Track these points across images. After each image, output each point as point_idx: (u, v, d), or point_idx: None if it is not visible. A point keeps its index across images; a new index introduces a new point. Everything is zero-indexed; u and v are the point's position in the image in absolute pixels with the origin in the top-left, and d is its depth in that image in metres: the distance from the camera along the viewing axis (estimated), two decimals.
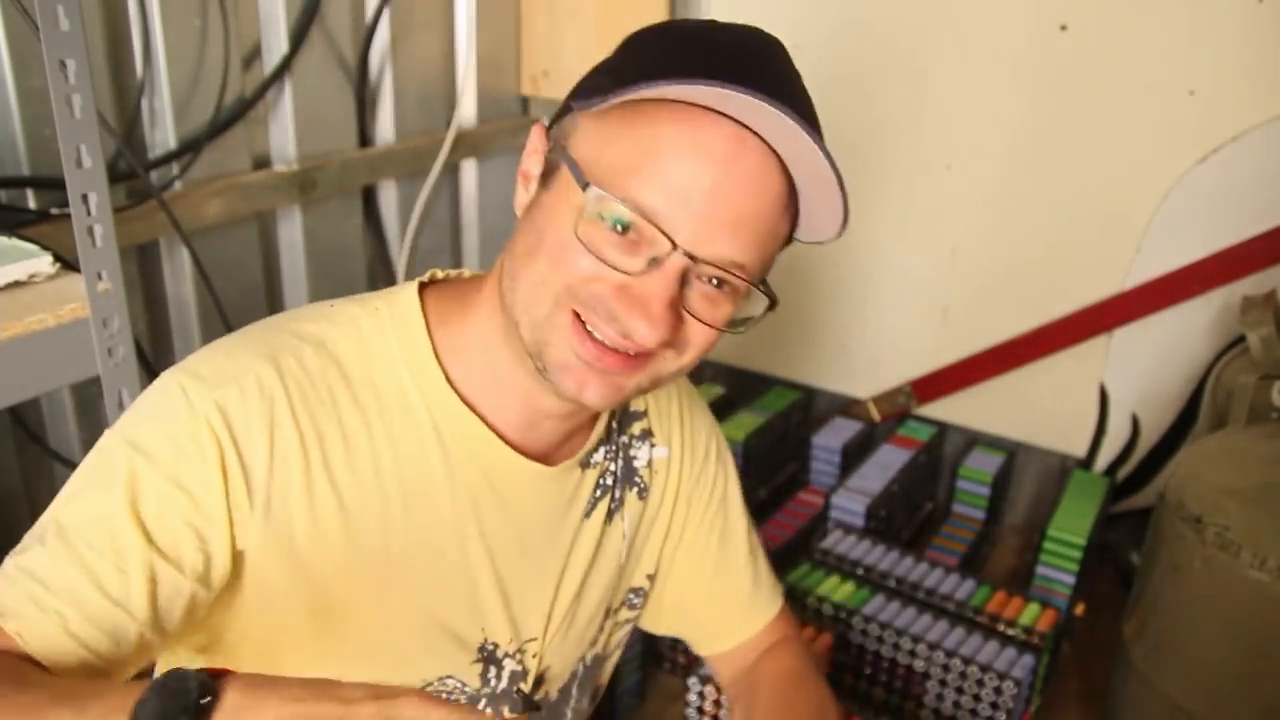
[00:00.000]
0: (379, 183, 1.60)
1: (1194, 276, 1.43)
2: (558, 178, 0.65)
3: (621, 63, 0.66)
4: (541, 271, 0.64)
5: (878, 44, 1.57)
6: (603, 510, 0.81)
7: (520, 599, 0.76)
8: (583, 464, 0.78)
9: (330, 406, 0.67)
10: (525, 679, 0.78)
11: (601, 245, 0.62)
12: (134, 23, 1.21)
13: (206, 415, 0.62)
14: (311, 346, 0.68)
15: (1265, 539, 0.93)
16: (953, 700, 1.14)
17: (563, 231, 0.63)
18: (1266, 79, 1.32)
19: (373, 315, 0.71)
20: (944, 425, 1.69)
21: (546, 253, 0.64)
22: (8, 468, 1.20)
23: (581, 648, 0.84)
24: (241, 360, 0.65)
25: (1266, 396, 1.15)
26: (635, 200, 0.60)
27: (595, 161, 0.62)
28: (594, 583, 0.82)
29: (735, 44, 0.64)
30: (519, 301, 0.66)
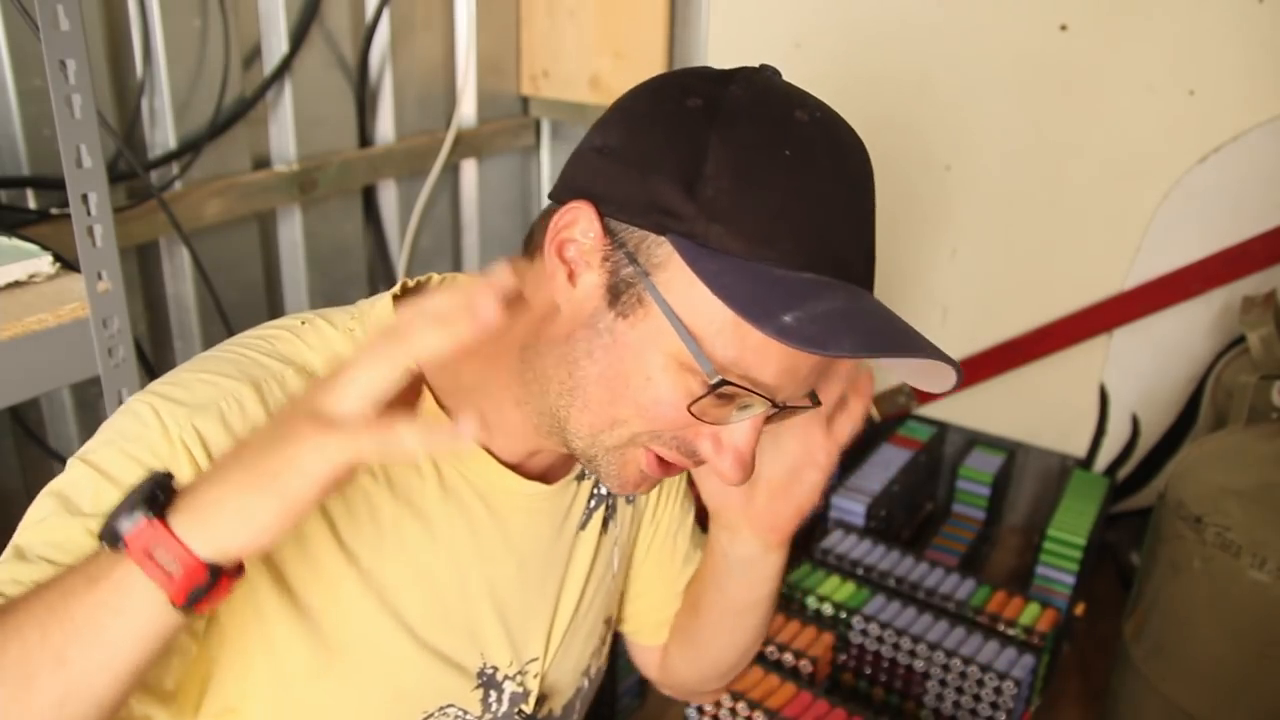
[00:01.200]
0: (379, 183, 1.60)
1: (1194, 276, 1.43)
2: (643, 314, 0.58)
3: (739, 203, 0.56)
4: (622, 413, 0.60)
5: (878, 44, 1.57)
6: (598, 520, 0.79)
7: (520, 620, 0.74)
8: (579, 476, 0.76)
9: None
10: (527, 700, 0.76)
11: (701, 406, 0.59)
12: (134, 23, 1.21)
13: (182, 437, 0.58)
14: (293, 370, 0.64)
15: (1265, 539, 0.93)
16: (953, 700, 1.14)
17: (659, 387, 0.59)
18: (1266, 79, 1.32)
19: (348, 336, 0.66)
20: (944, 425, 1.68)
21: (631, 399, 0.60)
22: (8, 467, 1.20)
23: (585, 662, 0.83)
24: (221, 383, 0.61)
25: (1266, 396, 1.15)
26: (753, 381, 0.58)
27: (702, 328, 0.57)
28: (593, 595, 0.81)
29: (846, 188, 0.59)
30: (578, 422, 0.62)
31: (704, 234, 0.56)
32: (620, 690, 1.23)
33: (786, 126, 0.58)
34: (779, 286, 0.55)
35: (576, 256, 0.60)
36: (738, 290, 0.55)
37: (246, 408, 0.60)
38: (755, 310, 0.54)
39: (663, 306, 0.58)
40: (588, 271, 0.60)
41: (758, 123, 0.57)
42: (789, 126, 0.58)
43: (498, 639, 0.73)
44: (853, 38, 1.58)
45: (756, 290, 0.55)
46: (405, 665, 0.69)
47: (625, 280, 0.59)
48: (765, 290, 0.55)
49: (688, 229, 0.56)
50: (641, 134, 0.59)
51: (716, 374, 0.57)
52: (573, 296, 0.60)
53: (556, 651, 0.78)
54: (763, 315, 0.54)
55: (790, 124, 0.58)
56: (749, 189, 0.56)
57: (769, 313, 0.54)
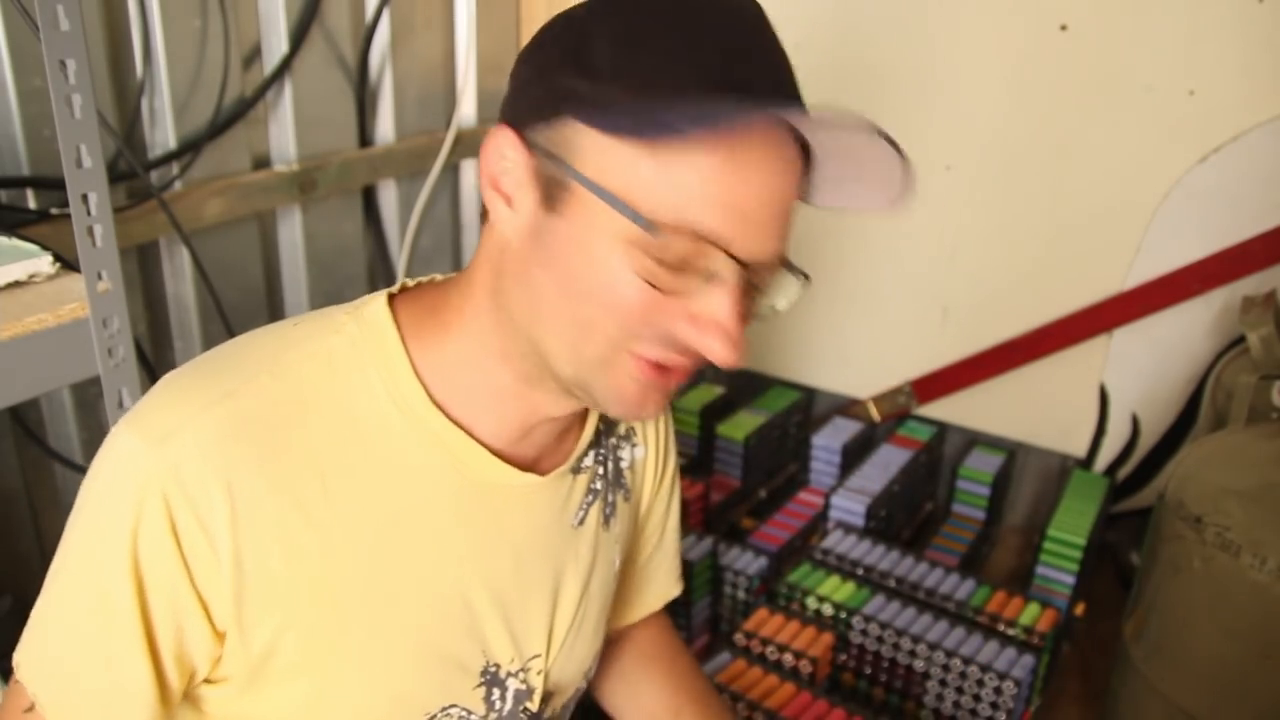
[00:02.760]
0: (379, 183, 1.60)
1: (1194, 276, 1.43)
2: (574, 202, 0.58)
3: (621, 64, 0.57)
4: (587, 312, 0.59)
5: (878, 44, 1.57)
6: (595, 516, 0.79)
7: (520, 615, 0.74)
8: (574, 469, 0.76)
9: (299, 440, 0.62)
10: (531, 697, 0.76)
11: (657, 276, 0.58)
12: (134, 23, 1.21)
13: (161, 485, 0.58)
14: (272, 375, 0.62)
15: (1265, 539, 0.93)
16: (953, 700, 1.14)
17: (607, 267, 0.58)
18: (1266, 79, 1.32)
19: (340, 333, 0.65)
20: (944, 425, 1.69)
21: (589, 291, 0.59)
22: (8, 468, 1.20)
23: (588, 660, 0.82)
24: (192, 402, 0.60)
25: (1266, 396, 1.15)
26: (694, 228, 0.56)
27: (627, 188, 0.57)
28: (595, 591, 0.80)
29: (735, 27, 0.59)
30: (554, 340, 0.61)
31: (603, 98, 0.57)
32: None
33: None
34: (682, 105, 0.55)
35: (507, 181, 0.61)
36: (641, 125, 0.55)
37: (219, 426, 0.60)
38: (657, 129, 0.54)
39: (584, 182, 0.58)
40: (521, 190, 0.61)
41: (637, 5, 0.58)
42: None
43: (498, 635, 0.72)
44: (853, 37, 1.58)
45: (659, 117, 0.54)
46: (405, 667, 0.68)
47: (553, 180, 0.59)
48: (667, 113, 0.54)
49: (589, 101, 0.57)
50: (535, 50, 0.62)
51: (653, 225, 0.56)
52: (516, 221, 0.61)
53: (560, 649, 0.77)
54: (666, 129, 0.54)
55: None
56: (634, 43, 0.57)
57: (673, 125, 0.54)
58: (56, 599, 0.63)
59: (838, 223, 1.66)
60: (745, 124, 0.56)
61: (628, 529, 0.85)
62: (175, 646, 0.62)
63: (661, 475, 0.87)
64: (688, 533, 1.36)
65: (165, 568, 0.60)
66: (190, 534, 0.59)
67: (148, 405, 0.62)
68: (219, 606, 0.61)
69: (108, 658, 0.61)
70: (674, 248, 0.57)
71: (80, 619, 0.61)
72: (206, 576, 0.60)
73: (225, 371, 0.63)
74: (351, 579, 0.64)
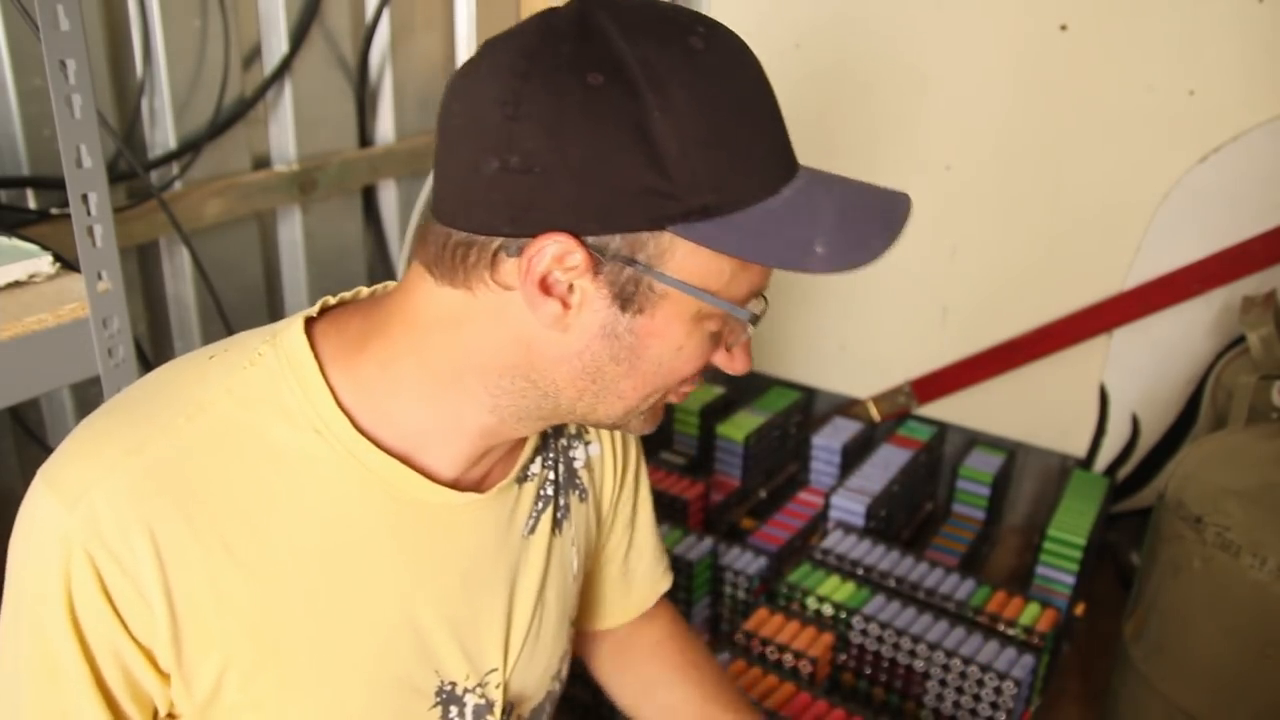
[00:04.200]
0: (379, 183, 1.60)
1: (1194, 276, 1.43)
2: (655, 300, 0.59)
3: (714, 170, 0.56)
4: (661, 384, 0.64)
5: (878, 44, 1.57)
6: (548, 522, 0.77)
7: (471, 632, 0.72)
8: (519, 479, 0.74)
9: (221, 481, 0.60)
10: (492, 710, 0.75)
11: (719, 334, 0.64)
12: (134, 23, 1.21)
13: (84, 544, 0.57)
14: (186, 416, 0.60)
15: (1265, 539, 0.93)
16: (953, 700, 1.14)
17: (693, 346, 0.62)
18: (1266, 79, 1.32)
19: (255, 365, 0.63)
20: (944, 425, 1.69)
21: (671, 370, 0.63)
22: (7, 467, 1.20)
23: (554, 666, 0.81)
24: (106, 455, 0.59)
25: (1266, 396, 1.15)
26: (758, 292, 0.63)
27: (708, 277, 0.59)
28: (551, 598, 0.78)
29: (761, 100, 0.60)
30: (610, 407, 0.65)
31: (695, 207, 0.56)
32: None
33: (696, 63, 0.56)
34: (781, 221, 0.58)
35: (562, 283, 0.58)
36: (756, 245, 0.58)
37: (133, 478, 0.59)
38: (791, 259, 0.58)
39: (681, 287, 0.59)
40: (584, 292, 0.58)
41: (675, 72, 0.55)
42: (698, 62, 0.56)
43: (451, 654, 0.71)
44: (853, 38, 1.58)
45: (771, 239, 0.58)
46: (356, 696, 0.67)
47: (630, 282, 0.58)
48: (778, 233, 0.58)
49: (680, 211, 0.56)
50: (564, 138, 0.54)
51: (748, 313, 0.62)
52: (575, 320, 0.59)
53: (518, 660, 0.76)
54: (800, 260, 0.58)
55: (697, 58, 0.56)
56: (707, 144, 0.56)
57: (803, 254, 0.58)
58: (8, 661, 0.62)
59: None
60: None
61: (587, 529, 0.83)
62: (128, 688, 0.62)
63: (622, 470, 0.86)
64: (688, 533, 1.36)
65: (102, 625, 0.59)
66: (120, 589, 0.59)
67: (62, 460, 0.60)
68: (160, 653, 0.61)
69: (64, 713, 0.61)
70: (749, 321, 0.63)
71: (34, 681, 0.61)
72: (142, 627, 0.60)
73: (138, 417, 0.61)
74: (289, 615, 0.63)
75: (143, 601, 0.59)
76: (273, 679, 0.64)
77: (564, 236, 0.56)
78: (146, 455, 0.59)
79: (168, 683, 0.62)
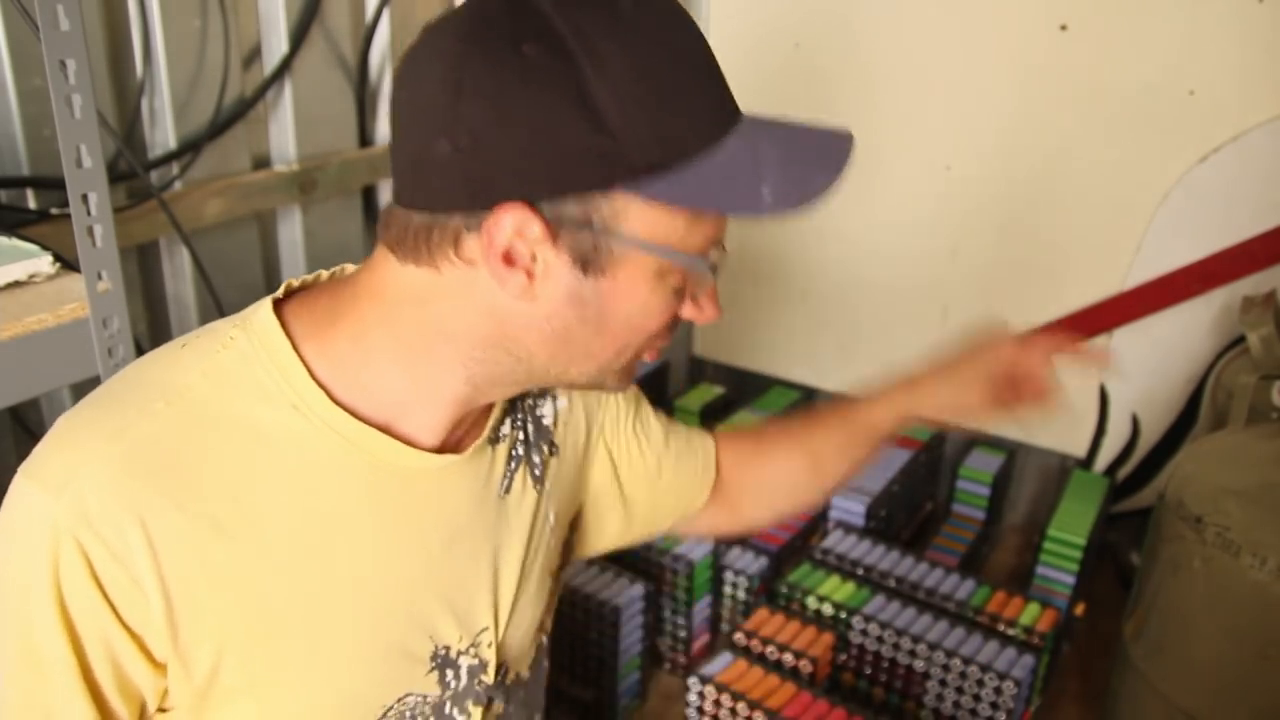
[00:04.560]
0: (379, 183, 1.60)
1: (1194, 276, 1.43)
2: (615, 261, 0.60)
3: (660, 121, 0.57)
4: (628, 342, 0.65)
5: (878, 44, 1.57)
6: (522, 480, 0.78)
7: (460, 594, 0.73)
8: (491, 440, 0.75)
9: (203, 462, 0.61)
10: (485, 670, 0.76)
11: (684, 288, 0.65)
12: (134, 23, 1.21)
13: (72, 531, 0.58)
14: (165, 401, 0.61)
15: (1265, 539, 0.93)
16: (953, 700, 1.14)
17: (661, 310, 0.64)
18: (1266, 79, 1.32)
19: (229, 348, 0.64)
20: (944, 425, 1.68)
21: (637, 328, 0.65)
22: (7, 467, 1.20)
23: (539, 619, 0.82)
24: (89, 442, 0.60)
25: (1266, 396, 1.15)
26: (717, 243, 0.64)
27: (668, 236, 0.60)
28: (535, 554, 0.80)
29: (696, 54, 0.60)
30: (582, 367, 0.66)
31: (641, 165, 0.57)
32: (620, 690, 1.23)
33: (627, 23, 0.57)
34: (726, 169, 0.59)
35: (524, 255, 0.59)
36: (705, 194, 0.59)
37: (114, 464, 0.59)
38: (740, 205, 0.59)
39: (639, 245, 0.60)
40: (546, 261, 0.60)
41: (607, 34, 0.56)
42: (628, 22, 0.57)
43: (442, 618, 0.72)
44: (853, 38, 1.58)
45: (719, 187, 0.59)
46: (353, 668, 0.68)
47: (589, 246, 0.59)
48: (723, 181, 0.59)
49: (627, 169, 0.57)
50: (508, 110, 0.56)
51: (706, 263, 0.63)
52: (541, 289, 0.61)
53: (509, 619, 0.77)
54: (750, 206, 0.59)
55: (626, 18, 0.57)
56: (646, 101, 0.56)
57: (752, 200, 0.59)
58: None
59: (838, 223, 1.66)
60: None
61: (566, 483, 0.84)
62: (116, 682, 0.61)
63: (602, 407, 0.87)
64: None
65: (93, 615, 0.59)
66: (111, 576, 0.59)
67: (43, 452, 0.61)
68: (155, 641, 0.61)
69: (47, 708, 0.60)
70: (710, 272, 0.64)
71: (19, 677, 0.61)
72: (136, 615, 0.60)
73: (117, 405, 0.62)
74: (281, 590, 0.64)
75: (135, 587, 0.59)
76: (268, 655, 0.64)
77: (519, 207, 0.57)
78: (127, 440, 0.60)
79: (161, 672, 0.62)
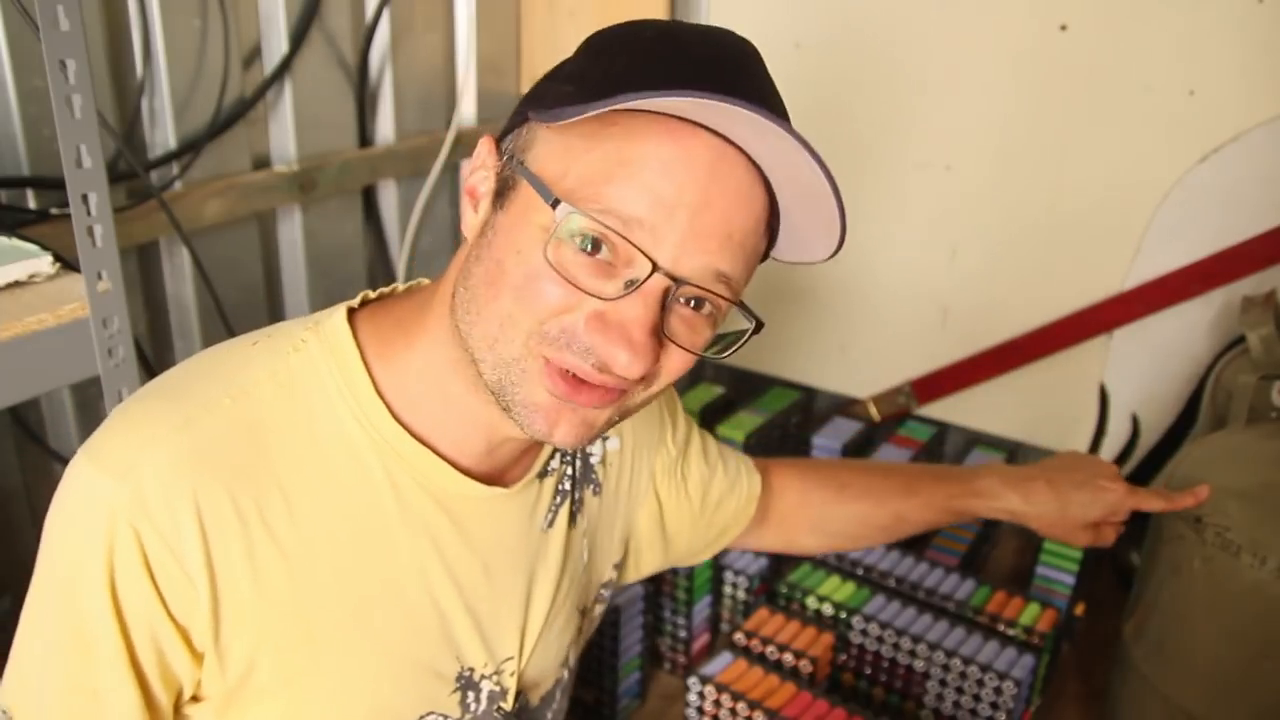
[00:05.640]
0: (379, 183, 1.60)
1: (1194, 276, 1.43)
2: (515, 196, 0.59)
3: (586, 69, 0.59)
4: (506, 307, 0.59)
5: (878, 44, 1.57)
6: (564, 516, 0.78)
7: (492, 622, 0.74)
8: (540, 474, 0.75)
9: (262, 462, 0.61)
10: (505, 697, 0.76)
11: (573, 269, 0.57)
12: (134, 23, 1.21)
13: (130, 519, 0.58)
14: (231, 398, 0.61)
15: (1265, 539, 0.93)
16: (953, 700, 1.14)
17: (528, 258, 0.57)
18: (1266, 79, 1.32)
19: (299, 351, 0.65)
20: (944, 425, 1.68)
21: (510, 284, 0.58)
22: (8, 467, 1.20)
23: (564, 654, 0.83)
24: (153, 431, 0.60)
25: (1266, 396, 1.15)
26: (614, 210, 0.55)
27: (562, 176, 0.57)
28: (566, 590, 0.80)
29: (711, 48, 0.59)
30: (479, 338, 0.61)
31: (558, 96, 0.59)
32: (620, 690, 1.23)
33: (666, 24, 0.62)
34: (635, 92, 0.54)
35: (481, 187, 0.63)
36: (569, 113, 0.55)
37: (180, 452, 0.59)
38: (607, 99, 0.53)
39: (521, 171, 0.59)
40: (486, 196, 0.62)
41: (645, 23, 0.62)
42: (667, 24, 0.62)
43: (471, 642, 0.73)
44: (852, 38, 1.58)
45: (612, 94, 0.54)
46: (382, 679, 0.68)
47: (508, 179, 0.61)
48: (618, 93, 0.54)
49: (542, 100, 0.60)
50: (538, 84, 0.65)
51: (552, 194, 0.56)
52: (474, 222, 0.63)
53: (534, 650, 0.78)
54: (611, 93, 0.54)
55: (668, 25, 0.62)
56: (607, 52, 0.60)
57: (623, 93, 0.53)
58: (38, 638, 0.62)
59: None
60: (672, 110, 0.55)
61: (608, 523, 0.85)
62: (159, 669, 0.62)
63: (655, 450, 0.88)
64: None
65: (142, 602, 0.60)
66: (164, 565, 0.59)
67: (107, 436, 0.61)
68: (197, 632, 0.61)
69: (95, 691, 0.61)
70: (588, 230, 0.56)
71: (65, 658, 0.61)
72: (183, 605, 0.60)
73: (184, 396, 0.62)
74: (322, 597, 0.64)
75: (185, 578, 0.60)
76: (303, 658, 0.65)
77: (487, 138, 0.64)
78: (192, 432, 0.60)
79: (199, 663, 0.63)
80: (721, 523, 0.94)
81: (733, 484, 0.94)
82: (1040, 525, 0.94)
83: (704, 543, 0.96)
